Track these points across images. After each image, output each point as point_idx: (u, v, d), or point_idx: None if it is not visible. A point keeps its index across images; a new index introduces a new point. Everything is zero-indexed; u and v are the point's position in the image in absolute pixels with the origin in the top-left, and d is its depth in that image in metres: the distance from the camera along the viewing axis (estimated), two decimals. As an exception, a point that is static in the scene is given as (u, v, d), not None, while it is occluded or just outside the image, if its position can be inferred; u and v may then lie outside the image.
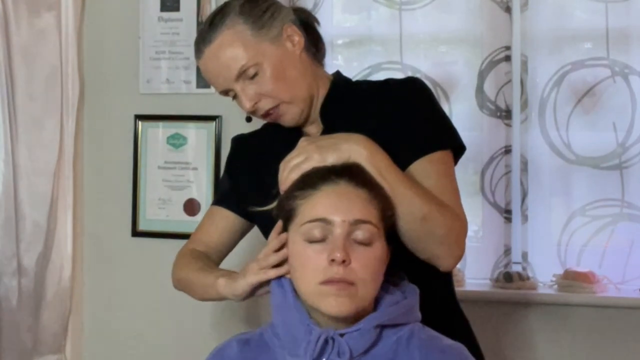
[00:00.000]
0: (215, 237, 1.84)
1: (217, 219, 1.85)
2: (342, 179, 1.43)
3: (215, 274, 1.66)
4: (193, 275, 1.74)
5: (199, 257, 1.79)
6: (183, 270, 1.79)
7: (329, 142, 1.51)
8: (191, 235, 1.88)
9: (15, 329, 2.71)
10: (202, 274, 1.71)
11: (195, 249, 1.83)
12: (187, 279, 1.76)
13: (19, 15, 2.71)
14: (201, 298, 1.73)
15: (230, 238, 1.85)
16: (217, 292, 1.63)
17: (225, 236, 1.84)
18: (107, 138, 2.95)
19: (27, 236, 2.74)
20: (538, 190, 2.63)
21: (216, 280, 1.63)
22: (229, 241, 1.85)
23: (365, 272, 1.38)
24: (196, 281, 1.72)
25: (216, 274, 1.66)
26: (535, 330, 2.58)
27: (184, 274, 1.78)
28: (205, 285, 1.68)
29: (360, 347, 1.40)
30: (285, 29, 1.67)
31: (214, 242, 1.84)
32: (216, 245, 1.84)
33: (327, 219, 1.39)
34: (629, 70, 2.55)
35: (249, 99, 1.66)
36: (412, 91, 1.69)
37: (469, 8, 2.68)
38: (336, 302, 1.37)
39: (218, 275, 1.64)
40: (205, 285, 1.68)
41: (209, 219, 1.86)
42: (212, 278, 1.65)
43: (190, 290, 1.77)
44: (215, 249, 1.84)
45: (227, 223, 1.83)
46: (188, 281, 1.76)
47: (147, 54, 2.88)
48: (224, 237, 1.84)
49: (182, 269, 1.80)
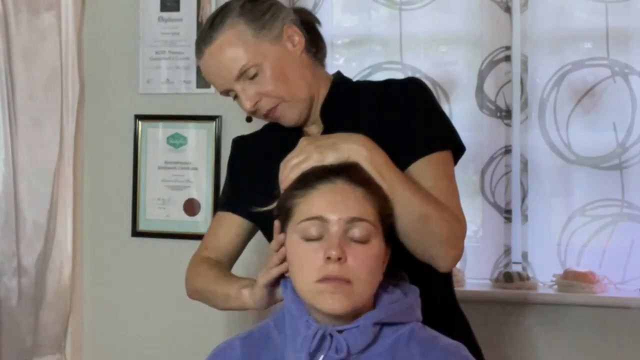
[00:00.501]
0: (225, 242, 1.83)
1: (224, 224, 1.84)
2: (340, 177, 1.43)
3: (237, 284, 1.65)
4: (212, 286, 1.72)
5: (214, 266, 1.78)
6: (200, 280, 1.77)
7: (329, 142, 1.51)
8: (201, 242, 1.87)
9: (15, 329, 2.71)
10: (222, 284, 1.69)
11: (208, 256, 1.82)
12: (207, 289, 1.74)
13: (19, 15, 2.71)
14: (222, 308, 1.72)
15: (239, 241, 1.85)
16: (241, 303, 1.62)
17: (234, 240, 1.84)
18: (107, 138, 2.95)
19: (27, 236, 2.74)
20: (538, 190, 2.63)
21: (240, 291, 1.62)
22: (238, 244, 1.85)
23: (362, 270, 1.38)
24: (216, 292, 1.70)
25: (238, 284, 1.64)
26: (535, 330, 2.58)
27: (201, 284, 1.76)
28: (227, 296, 1.66)
29: (359, 344, 1.40)
30: (286, 29, 1.67)
31: (223, 247, 1.83)
32: (226, 250, 1.83)
33: (323, 217, 1.39)
34: (629, 70, 2.56)
35: (250, 99, 1.66)
36: (412, 91, 1.68)
37: (469, 8, 2.68)
38: (332, 299, 1.37)
39: (240, 285, 1.63)
40: (227, 297, 1.66)
41: (217, 225, 1.86)
42: (234, 289, 1.64)
43: (209, 301, 1.75)
44: (226, 254, 1.83)
45: (234, 227, 1.83)
46: (207, 292, 1.74)
47: (147, 54, 2.89)
48: (233, 242, 1.83)
49: (197, 278, 1.78)
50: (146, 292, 2.88)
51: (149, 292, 2.88)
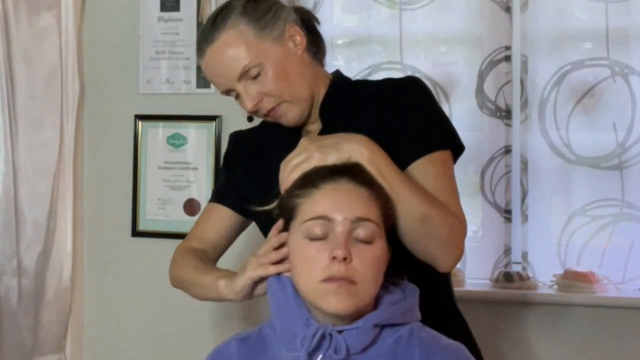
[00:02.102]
0: (213, 234, 1.84)
1: (214, 215, 1.84)
2: (343, 177, 1.43)
3: (216, 274, 1.66)
4: (192, 275, 1.73)
5: (197, 255, 1.78)
6: (182, 269, 1.79)
7: (330, 142, 1.51)
8: (188, 232, 1.88)
9: (15, 329, 2.71)
10: (202, 274, 1.70)
11: (193, 246, 1.82)
12: (186, 278, 1.76)
13: (19, 15, 2.71)
14: (200, 298, 1.73)
15: (228, 235, 1.85)
16: (217, 294, 1.63)
17: (223, 233, 1.84)
18: (107, 138, 2.95)
19: (27, 236, 2.74)
20: (538, 190, 2.63)
21: (217, 282, 1.62)
22: (227, 238, 1.85)
23: (366, 270, 1.38)
24: (196, 281, 1.72)
25: (216, 274, 1.66)
26: (535, 330, 2.58)
27: (182, 273, 1.78)
28: (205, 286, 1.68)
29: (358, 345, 1.40)
30: (288, 29, 1.67)
31: (211, 239, 1.83)
32: (213, 242, 1.84)
33: (328, 216, 1.39)
34: (629, 70, 2.56)
35: (251, 99, 1.66)
36: (411, 91, 1.69)
37: (469, 8, 2.68)
38: (337, 299, 1.37)
39: (218, 276, 1.64)
40: (205, 286, 1.68)
41: (206, 216, 1.86)
42: (212, 279, 1.65)
43: (189, 290, 1.76)
44: (213, 246, 1.84)
45: (224, 220, 1.83)
46: (187, 281, 1.76)
47: (147, 54, 2.89)
48: (221, 234, 1.84)
49: (180, 267, 1.79)
50: (146, 292, 2.88)
51: (149, 292, 2.88)
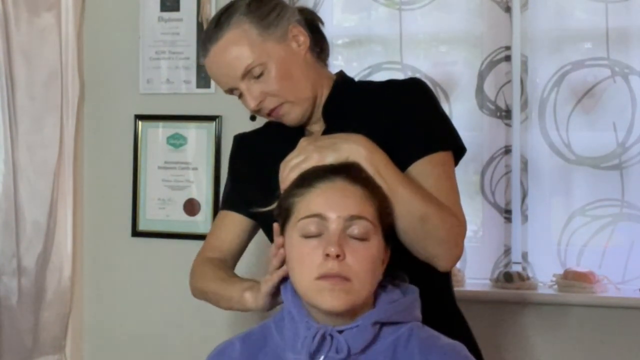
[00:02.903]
0: (228, 241, 1.84)
1: (226, 223, 1.85)
2: (339, 176, 1.43)
3: (240, 286, 1.64)
4: (216, 287, 1.72)
5: (217, 266, 1.78)
6: (204, 281, 1.78)
7: (329, 142, 1.51)
8: (204, 242, 1.88)
9: (15, 329, 2.71)
10: (226, 286, 1.69)
11: (211, 257, 1.82)
12: (210, 290, 1.74)
13: (19, 15, 2.71)
14: (225, 309, 1.72)
15: (242, 240, 1.85)
16: (245, 307, 1.62)
17: (237, 239, 1.84)
18: (107, 138, 2.95)
19: (27, 236, 2.74)
20: (538, 190, 2.63)
21: (242, 294, 1.61)
22: (241, 243, 1.86)
23: (361, 268, 1.38)
24: (220, 293, 1.70)
25: (241, 286, 1.64)
26: (535, 330, 2.58)
27: (205, 285, 1.77)
28: (230, 298, 1.66)
29: (359, 344, 1.40)
30: (291, 29, 1.68)
31: (226, 247, 1.84)
32: (229, 249, 1.84)
33: (322, 214, 1.39)
34: (629, 70, 2.56)
35: (254, 98, 1.66)
36: (413, 92, 1.69)
37: (469, 8, 2.68)
38: (331, 297, 1.37)
39: (244, 288, 1.62)
40: (230, 299, 1.66)
41: (219, 224, 1.86)
42: (237, 292, 1.63)
43: (213, 302, 1.75)
44: (229, 253, 1.84)
45: (236, 226, 1.83)
46: (211, 293, 1.74)
47: (147, 54, 2.89)
48: (235, 241, 1.84)
49: (202, 279, 1.79)
50: (146, 292, 2.88)
51: (149, 292, 2.88)
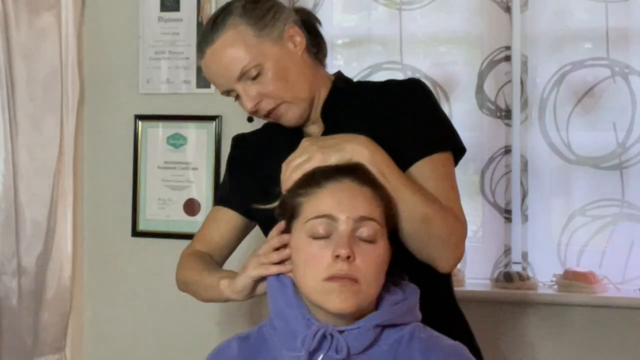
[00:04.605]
0: (218, 236, 1.84)
1: (219, 218, 1.85)
2: (347, 177, 1.43)
3: (218, 275, 1.66)
4: (196, 277, 1.74)
5: (201, 258, 1.79)
6: (186, 271, 1.79)
7: (332, 143, 1.51)
8: (194, 235, 1.88)
9: (15, 329, 2.71)
10: (206, 275, 1.71)
11: (198, 249, 1.83)
12: (190, 281, 1.76)
13: (19, 15, 2.71)
14: (205, 299, 1.73)
15: (233, 237, 1.85)
16: (219, 294, 1.63)
17: (228, 236, 1.84)
18: (107, 138, 2.95)
19: (27, 236, 2.74)
20: (538, 190, 2.63)
21: (219, 282, 1.63)
22: (232, 240, 1.86)
23: (369, 270, 1.38)
24: (199, 283, 1.72)
25: (218, 275, 1.66)
26: (535, 330, 2.58)
27: (187, 276, 1.78)
28: (207, 286, 1.68)
29: (359, 345, 1.40)
30: (287, 29, 1.68)
31: (216, 242, 1.84)
32: (219, 245, 1.84)
33: (331, 215, 1.39)
34: (629, 70, 2.56)
35: (251, 100, 1.66)
36: (413, 92, 1.69)
37: (469, 8, 2.68)
38: (339, 298, 1.37)
39: (221, 276, 1.64)
40: (207, 287, 1.68)
41: (211, 219, 1.87)
42: (215, 279, 1.65)
43: (194, 292, 1.77)
44: (218, 249, 1.84)
45: (229, 222, 1.84)
46: (191, 283, 1.76)
47: (147, 54, 2.89)
48: (226, 237, 1.85)
49: (185, 270, 1.80)
50: (146, 292, 2.88)
51: (148, 292, 2.88)
